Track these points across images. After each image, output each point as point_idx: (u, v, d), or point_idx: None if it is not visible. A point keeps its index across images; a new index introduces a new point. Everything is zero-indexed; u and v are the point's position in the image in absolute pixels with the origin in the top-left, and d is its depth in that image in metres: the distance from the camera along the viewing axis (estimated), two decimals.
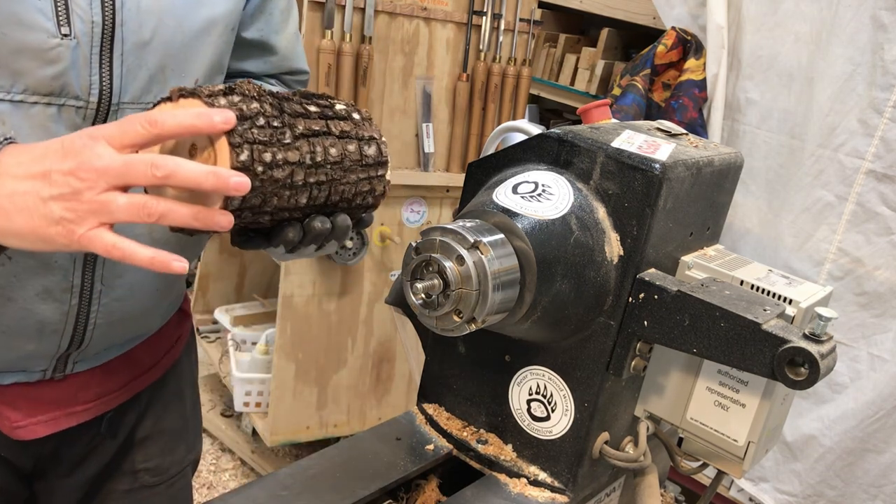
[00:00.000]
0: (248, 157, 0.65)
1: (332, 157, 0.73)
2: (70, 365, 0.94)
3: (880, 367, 1.73)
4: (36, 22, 0.75)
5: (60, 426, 0.95)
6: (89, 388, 0.98)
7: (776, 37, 1.83)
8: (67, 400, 0.96)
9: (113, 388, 1.01)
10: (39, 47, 0.76)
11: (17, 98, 0.77)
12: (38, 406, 0.93)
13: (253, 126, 0.67)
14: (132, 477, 1.10)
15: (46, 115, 0.79)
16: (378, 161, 0.78)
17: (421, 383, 0.93)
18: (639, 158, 0.73)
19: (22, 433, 0.92)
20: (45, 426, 0.94)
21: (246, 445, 2.56)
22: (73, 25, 0.77)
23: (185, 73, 0.88)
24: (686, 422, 0.81)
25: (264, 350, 2.36)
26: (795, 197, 1.82)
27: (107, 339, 0.95)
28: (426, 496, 0.84)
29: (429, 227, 0.69)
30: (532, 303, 0.71)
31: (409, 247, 0.70)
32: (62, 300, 0.86)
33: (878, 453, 1.76)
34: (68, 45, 0.77)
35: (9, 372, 0.90)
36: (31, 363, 0.90)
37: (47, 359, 0.91)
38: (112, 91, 0.82)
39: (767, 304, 0.71)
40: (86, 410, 0.98)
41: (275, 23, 1.04)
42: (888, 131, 1.65)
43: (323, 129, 0.73)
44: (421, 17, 1.96)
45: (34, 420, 0.93)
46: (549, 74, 2.83)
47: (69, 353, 0.92)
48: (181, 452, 1.17)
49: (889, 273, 1.70)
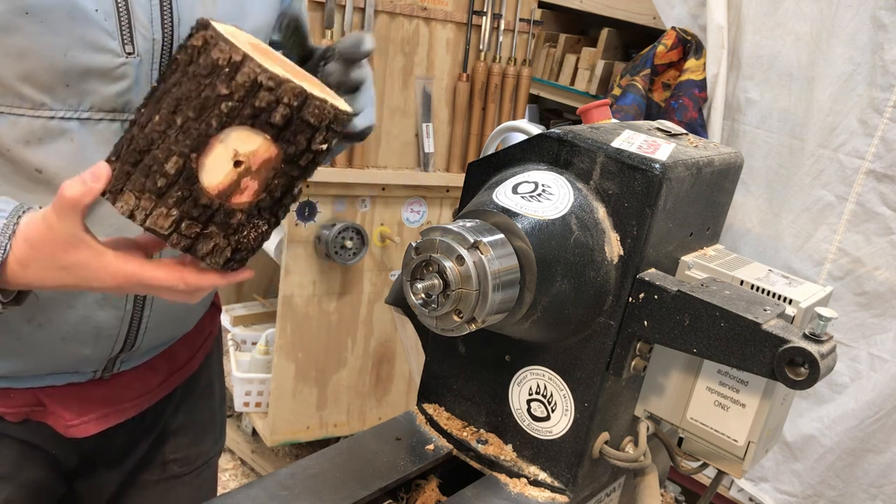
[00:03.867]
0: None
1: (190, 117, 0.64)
2: (118, 365, 0.97)
3: (880, 367, 1.73)
4: (104, 43, 0.77)
5: (110, 423, 0.99)
6: (134, 385, 1.01)
7: (776, 37, 1.83)
8: (115, 398, 0.99)
9: (154, 385, 1.05)
10: (106, 67, 0.78)
11: (85, 115, 0.80)
12: (89, 405, 0.97)
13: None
14: (162, 468, 1.13)
15: (111, 130, 0.82)
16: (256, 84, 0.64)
17: (421, 383, 0.93)
18: (639, 158, 0.73)
19: (75, 431, 0.96)
20: (95, 424, 0.97)
21: (246, 445, 2.56)
22: (137, 44, 0.80)
23: None
24: (686, 422, 0.81)
25: (264, 350, 2.36)
26: (795, 197, 1.82)
27: (155, 339, 0.98)
28: (426, 496, 0.84)
29: (429, 227, 0.69)
30: (532, 303, 0.71)
31: (409, 247, 0.70)
32: (118, 306, 0.90)
33: (878, 453, 1.76)
34: (132, 64, 0.80)
35: (63, 373, 0.93)
36: (85, 365, 0.94)
37: (100, 361, 0.94)
38: None
39: (767, 304, 0.71)
40: (131, 406, 1.02)
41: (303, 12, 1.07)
42: (888, 131, 1.65)
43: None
44: (421, 17, 1.96)
45: (86, 418, 0.96)
46: (549, 74, 2.83)
47: (120, 355, 0.95)
48: (209, 444, 1.20)
49: (889, 273, 1.70)
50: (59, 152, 0.80)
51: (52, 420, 0.95)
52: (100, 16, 0.76)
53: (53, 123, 0.79)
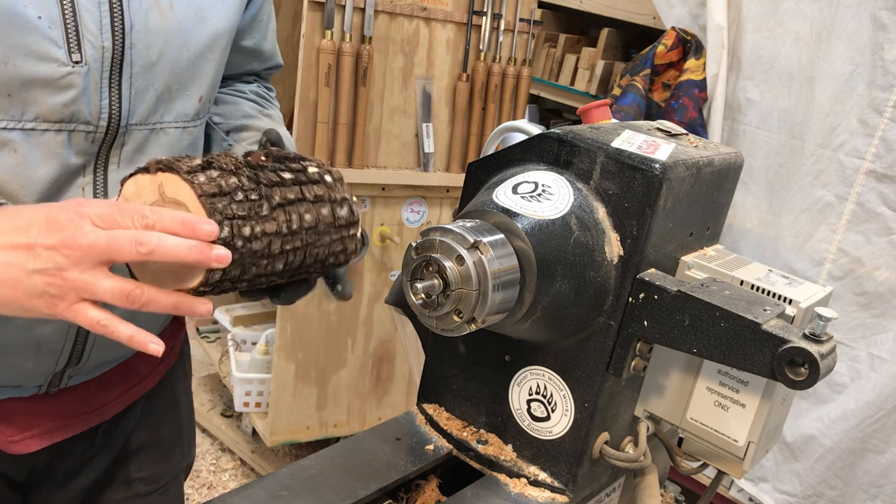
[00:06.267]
0: (229, 232, 0.67)
1: (306, 223, 0.74)
2: (65, 380, 0.93)
3: (880, 367, 1.73)
4: (47, 52, 0.74)
5: (55, 439, 0.95)
6: (83, 400, 0.97)
7: (776, 37, 1.83)
8: (61, 413, 0.95)
9: (107, 400, 1.01)
10: (51, 76, 0.75)
11: (29, 126, 0.77)
12: (33, 420, 0.93)
13: (232, 202, 0.68)
14: (126, 486, 1.09)
15: (57, 141, 0.79)
16: (350, 221, 0.80)
17: (421, 383, 0.92)
18: (639, 158, 0.73)
19: (17, 447, 0.92)
20: (39, 440, 0.93)
21: (246, 445, 2.56)
22: (85, 52, 0.77)
23: (190, 90, 0.88)
24: (686, 422, 0.81)
25: (264, 350, 2.36)
26: (795, 197, 1.82)
27: (104, 354, 0.94)
28: (426, 496, 0.84)
29: (429, 227, 0.69)
30: (532, 303, 0.70)
31: (409, 247, 0.70)
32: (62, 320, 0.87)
33: (878, 453, 1.76)
34: (80, 72, 0.77)
35: (4, 387, 0.90)
36: (27, 380, 0.90)
37: (44, 376, 0.90)
38: (121, 114, 0.82)
39: (767, 304, 0.71)
40: (81, 422, 0.98)
41: (264, 29, 1.06)
42: (888, 131, 1.65)
43: (298, 196, 0.74)
44: (421, 17, 1.96)
45: (29, 434, 0.92)
46: (549, 74, 2.83)
47: (66, 370, 0.91)
48: (176, 459, 1.16)
49: (889, 273, 1.70)
50: (2, 164, 0.76)
51: None
52: (43, 23, 0.73)
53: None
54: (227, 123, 1.05)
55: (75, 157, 0.80)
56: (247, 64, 1.08)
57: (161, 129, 0.87)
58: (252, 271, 0.71)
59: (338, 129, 1.91)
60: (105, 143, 0.82)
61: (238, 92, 1.10)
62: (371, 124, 1.98)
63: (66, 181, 0.81)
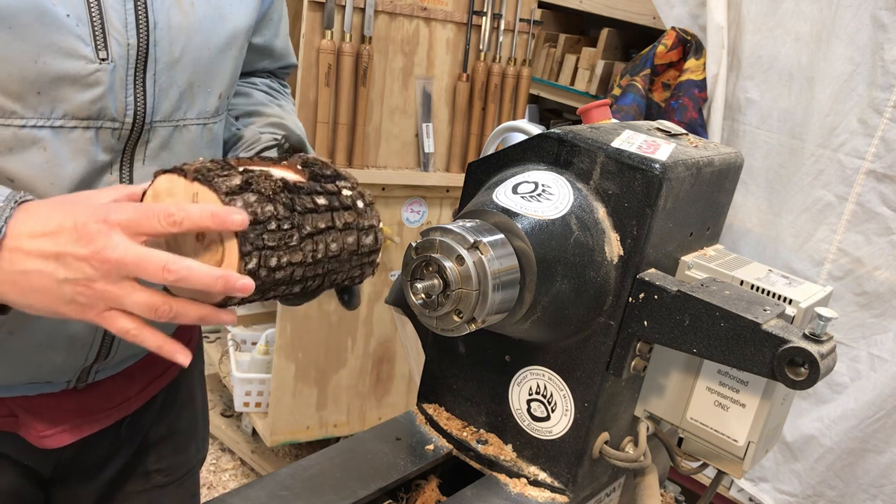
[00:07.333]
0: (256, 264, 0.67)
1: (331, 251, 0.74)
2: (92, 375, 0.95)
3: (880, 367, 1.73)
4: (76, 49, 0.76)
5: (83, 433, 0.97)
6: (109, 395, 0.99)
7: (776, 37, 1.83)
8: (89, 408, 0.97)
9: (131, 394, 1.03)
10: (79, 73, 0.77)
11: (58, 124, 0.78)
12: (62, 415, 0.95)
13: (264, 231, 0.68)
14: (145, 478, 1.11)
15: (85, 138, 0.80)
16: (373, 249, 0.79)
17: (421, 383, 0.93)
18: (639, 158, 0.73)
19: (48, 442, 0.94)
20: (69, 434, 0.95)
21: (246, 445, 2.56)
22: (111, 49, 0.78)
23: (211, 87, 0.90)
24: (686, 422, 0.81)
25: (264, 350, 2.36)
26: (795, 197, 1.82)
27: (130, 349, 0.96)
28: (426, 496, 0.84)
29: (429, 227, 0.69)
30: (532, 303, 0.71)
31: (409, 247, 0.70)
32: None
33: (878, 453, 1.76)
34: (106, 70, 0.78)
35: (35, 384, 0.91)
36: (58, 375, 0.92)
37: (73, 371, 0.92)
38: (146, 111, 0.83)
39: (767, 304, 0.71)
40: (107, 416, 1.00)
41: (275, 27, 1.07)
42: (888, 131, 1.65)
43: (328, 223, 0.74)
44: (421, 17, 1.96)
45: (59, 429, 0.94)
46: (549, 74, 2.83)
47: (94, 364, 0.93)
48: (192, 452, 1.18)
49: (889, 273, 1.70)
50: (32, 162, 0.77)
51: (24, 431, 0.92)
52: (71, 21, 0.74)
53: (24, 132, 0.76)
54: (237, 109, 1.07)
55: (102, 154, 0.82)
56: (258, 62, 1.10)
57: (184, 125, 0.89)
58: (269, 294, 0.72)
59: (338, 129, 1.91)
60: (131, 140, 0.84)
61: (251, 83, 1.12)
62: (371, 124, 1.98)
63: (94, 178, 0.83)
